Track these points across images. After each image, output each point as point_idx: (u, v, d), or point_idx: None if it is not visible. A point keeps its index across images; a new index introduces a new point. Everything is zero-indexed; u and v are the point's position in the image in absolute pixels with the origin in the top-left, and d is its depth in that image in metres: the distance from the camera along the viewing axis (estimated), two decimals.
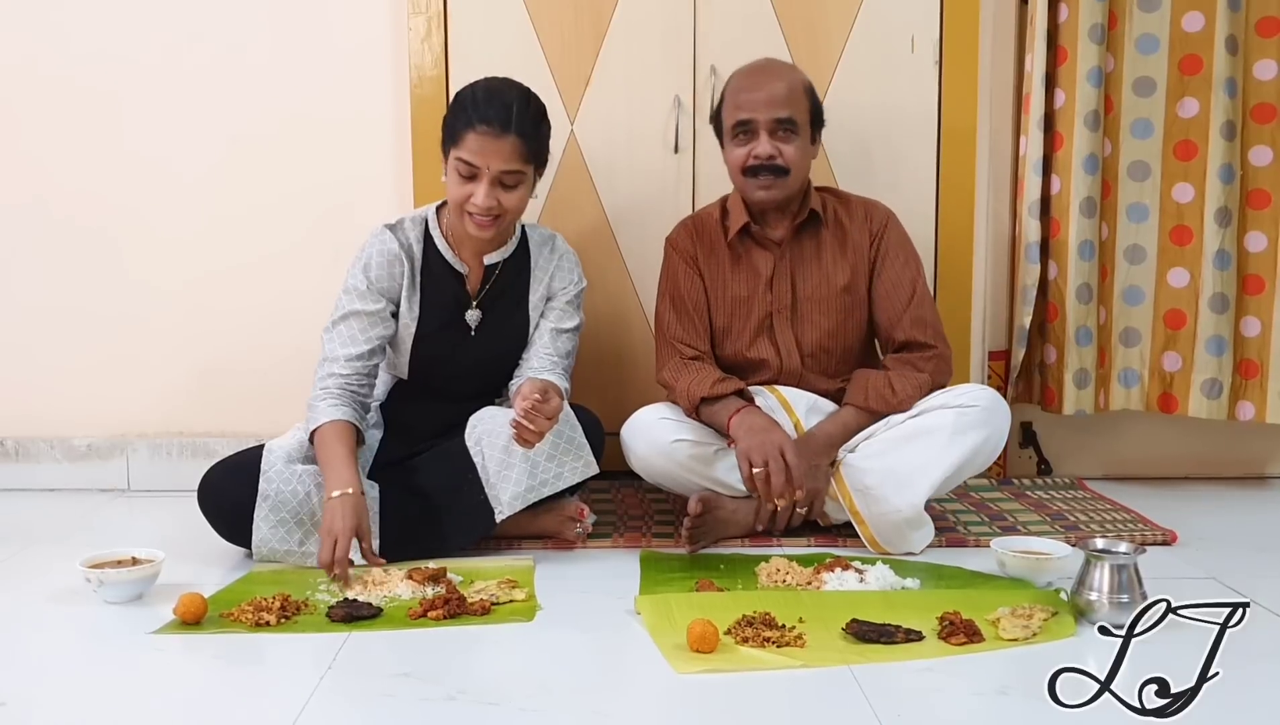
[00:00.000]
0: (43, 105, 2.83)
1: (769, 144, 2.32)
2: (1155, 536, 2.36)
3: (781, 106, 2.32)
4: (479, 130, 2.14)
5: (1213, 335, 2.74)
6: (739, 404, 2.29)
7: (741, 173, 2.37)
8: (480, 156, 2.15)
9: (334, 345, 2.27)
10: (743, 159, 2.35)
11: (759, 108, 2.32)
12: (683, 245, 2.48)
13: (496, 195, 2.18)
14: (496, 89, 2.21)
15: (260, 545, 2.17)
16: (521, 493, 2.20)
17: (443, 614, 1.88)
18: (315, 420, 2.20)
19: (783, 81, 2.35)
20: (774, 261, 2.44)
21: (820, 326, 2.44)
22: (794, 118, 2.33)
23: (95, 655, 1.79)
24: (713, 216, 2.49)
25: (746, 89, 2.35)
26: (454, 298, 2.33)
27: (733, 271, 2.45)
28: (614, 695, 1.62)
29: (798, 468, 2.16)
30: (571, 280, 2.41)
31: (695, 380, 2.34)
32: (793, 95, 2.34)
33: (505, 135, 2.14)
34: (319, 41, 2.80)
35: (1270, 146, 2.70)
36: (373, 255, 2.29)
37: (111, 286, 2.88)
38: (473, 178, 2.18)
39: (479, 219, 2.20)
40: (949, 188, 2.77)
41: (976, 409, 2.26)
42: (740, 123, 2.34)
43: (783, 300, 2.44)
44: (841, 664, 1.67)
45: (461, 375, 2.37)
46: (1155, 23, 2.74)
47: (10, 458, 2.92)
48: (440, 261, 2.32)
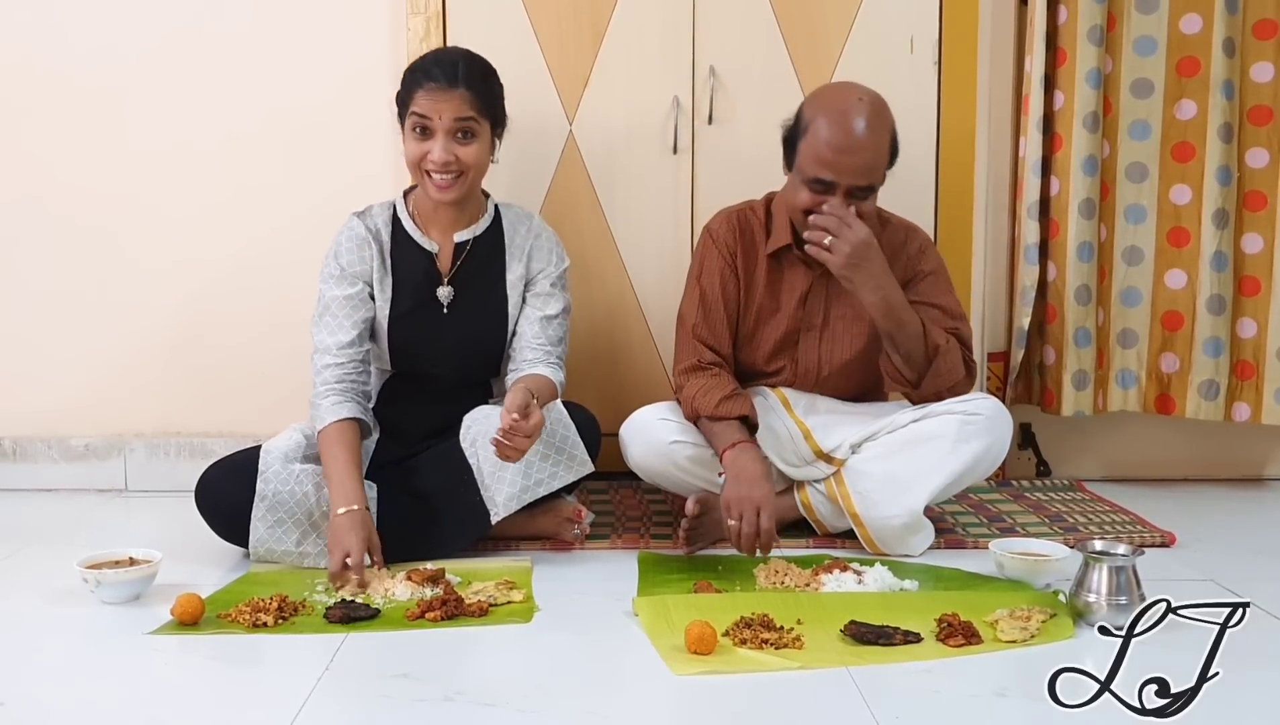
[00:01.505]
0: (41, 104, 2.83)
1: (842, 205, 2.20)
2: (1153, 538, 2.36)
3: (867, 176, 2.21)
4: (427, 86, 2.20)
5: (1210, 337, 2.74)
6: (737, 438, 2.21)
7: (802, 212, 2.25)
8: (432, 109, 2.19)
9: (323, 335, 2.28)
10: (809, 204, 2.23)
11: (845, 173, 2.19)
12: (724, 238, 2.39)
13: (453, 149, 2.21)
14: (443, 51, 2.34)
15: (257, 545, 2.17)
16: (516, 493, 2.20)
17: (440, 615, 1.87)
18: (321, 420, 2.21)
19: (873, 149, 2.20)
20: (812, 280, 2.38)
21: (850, 348, 2.39)
22: (874, 185, 2.24)
23: (92, 656, 1.79)
24: (757, 218, 2.41)
25: (837, 149, 2.18)
26: (424, 275, 2.33)
27: (767, 281, 2.39)
28: (611, 697, 1.62)
29: (769, 531, 2.11)
30: (551, 260, 2.39)
31: (702, 391, 2.28)
32: (879, 161, 2.22)
33: (454, 88, 2.19)
34: (318, 41, 2.80)
35: (1267, 148, 2.70)
36: (342, 241, 2.32)
37: (109, 285, 2.87)
38: (427, 133, 2.21)
39: (438, 178, 2.21)
40: (948, 189, 2.77)
41: (981, 418, 2.25)
42: (820, 180, 2.20)
43: (813, 318, 2.39)
44: (839, 665, 1.67)
45: (441, 357, 2.35)
46: (1153, 25, 2.74)
47: (8, 457, 2.91)
48: (409, 241, 2.33)
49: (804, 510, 2.36)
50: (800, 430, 2.35)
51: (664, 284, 2.79)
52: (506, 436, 2.05)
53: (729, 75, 2.73)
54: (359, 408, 2.25)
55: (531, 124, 2.71)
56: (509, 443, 2.06)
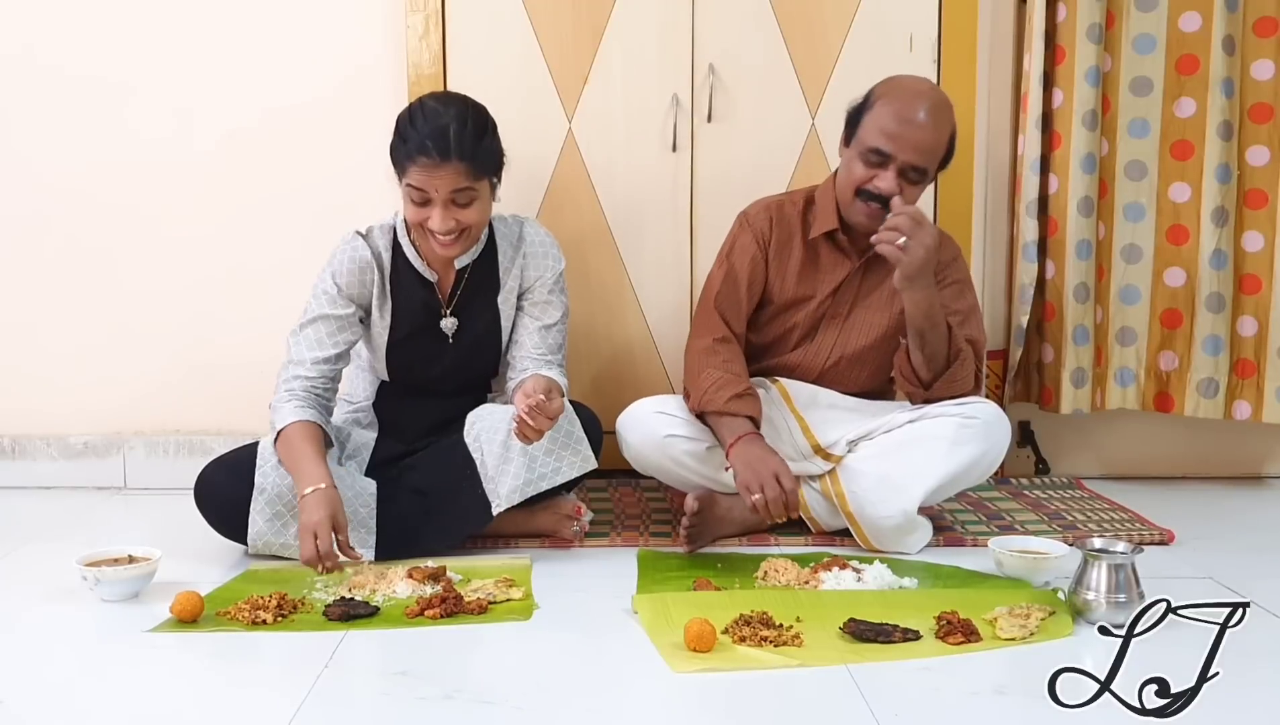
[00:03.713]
0: (41, 102, 2.82)
1: (894, 182, 2.23)
2: (1152, 536, 2.36)
3: (925, 156, 2.24)
4: (420, 161, 2.12)
5: (1209, 335, 2.75)
6: (743, 431, 2.22)
7: (854, 191, 2.28)
8: (428, 183, 2.14)
9: (300, 348, 2.27)
10: (862, 180, 2.26)
11: (905, 149, 2.22)
12: (759, 225, 2.41)
13: (453, 215, 2.17)
14: (432, 113, 2.16)
15: (256, 538, 2.17)
16: (519, 486, 2.19)
17: (440, 613, 1.87)
18: (281, 421, 2.19)
19: (935, 131, 2.24)
20: (849, 270, 2.39)
21: (865, 337, 2.40)
22: (928, 169, 2.27)
23: (91, 653, 1.79)
24: (796, 208, 2.42)
25: (902, 120, 2.22)
26: (424, 305, 2.33)
27: (801, 270, 2.40)
28: (611, 694, 1.62)
29: (792, 490, 2.14)
30: (547, 264, 2.37)
31: (715, 386, 2.27)
32: (937, 146, 2.26)
33: (446, 162, 2.12)
34: (317, 40, 2.79)
35: (1268, 146, 2.70)
36: (344, 261, 2.28)
37: (108, 283, 2.87)
38: (426, 203, 2.17)
39: (442, 239, 2.19)
40: (947, 187, 2.77)
41: (979, 422, 2.26)
42: (878, 151, 2.24)
43: (840, 308, 2.41)
44: (839, 663, 1.67)
45: (442, 375, 2.37)
46: (1152, 23, 2.74)
47: (7, 455, 2.91)
48: (409, 270, 2.32)
49: (800, 510, 2.36)
50: (799, 424, 2.36)
51: (663, 282, 2.79)
52: (530, 415, 2.05)
53: (728, 73, 2.73)
54: (320, 417, 2.23)
55: (531, 122, 2.72)
56: (532, 422, 2.05)
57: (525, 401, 2.05)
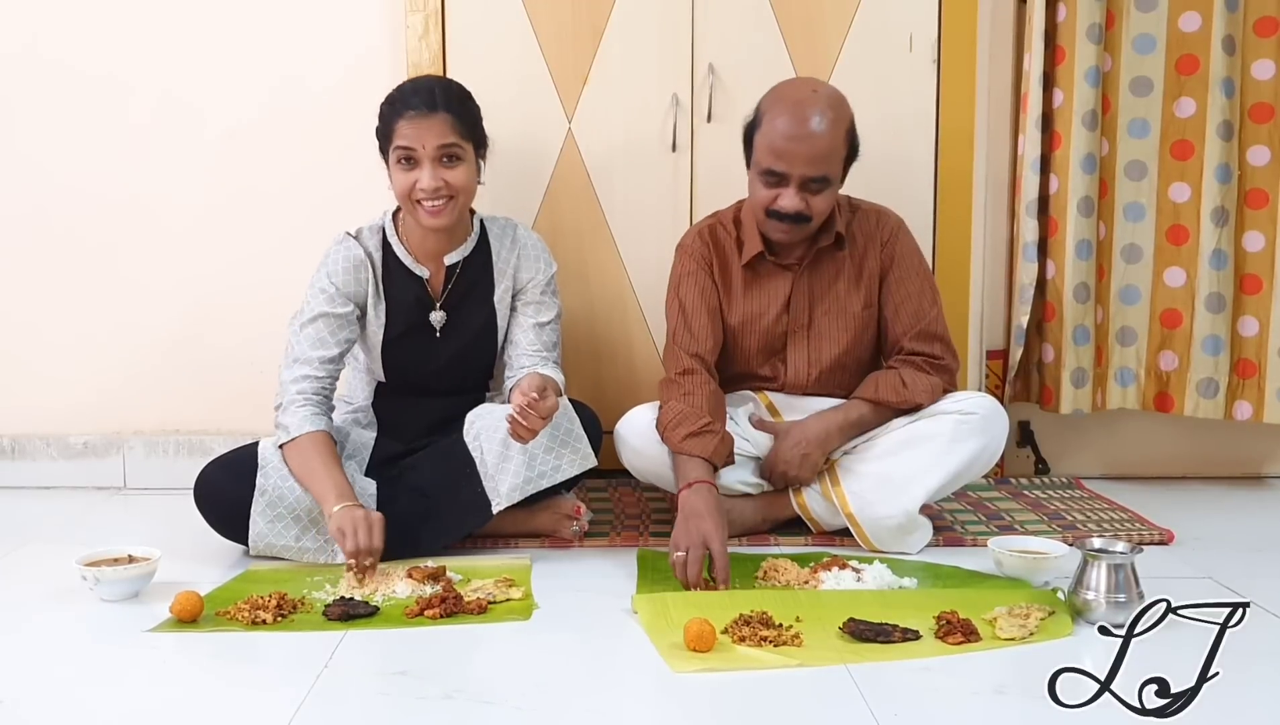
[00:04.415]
0: (40, 101, 2.82)
1: (797, 197, 2.20)
2: (1152, 536, 2.36)
3: (821, 165, 2.19)
4: (408, 116, 2.20)
5: (1209, 335, 2.74)
6: (694, 477, 2.14)
7: (764, 211, 2.26)
8: (415, 138, 2.19)
9: (305, 346, 2.27)
10: (767, 201, 2.23)
11: (795, 163, 2.18)
12: (698, 251, 2.39)
13: (441, 174, 2.20)
14: (417, 80, 2.32)
15: (257, 540, 2.17)
16: (519, 484, 2.19)
17: (439, 613, 1.87)
18: (298, 428, 2.18)
19: (825, 138, 2.18)
20: (792, 281, 2.38)
21: (839, 343, 2.39)
22: (828, 176, 2.21)
23: (91, 653, 1.78)
24: (727, 230, 2.40)
25: (788, 136, 2.18)
26: (417, 301, 2.34)
27: (745, 290, 2.39)
28: (610, 694, 1.62)
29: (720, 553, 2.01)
30: (539, 267, 2.39)
31: (675, 421, 2.24)
32: (833, 151, 2.20)
33: (434, 113, 2.20)
34: (316, 40, 2.79)
35: (1268, 146, 2.70)
36: (338, 261, 2.30)
37: (108, 281, 2.87)
38: (414, 163, 2.21)
39: (430, 205, 2.21)
40: (947, 187, 2.77)
41: (976, 417, 2.25)
42: (772, 171, 2.21)
43: (799, 319, 2.39)
44: (838, 663, 1.67)
45: (437, 373, 2.38)
46: (1152, 23, 2.74)
47: (6, 455, 2.91)
48: (400, 266, 2.33)
49: (800, 510, 2.37)
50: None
51: (663, 282, 2.77)
52: (522, 415, 2.05)
53: (728, 73, 2.73)
54: (331, 425, 2.25)
55: (530, 122, 2.71)
56: (524, 422, 2.06)
57: (519, 399, 2.06)
